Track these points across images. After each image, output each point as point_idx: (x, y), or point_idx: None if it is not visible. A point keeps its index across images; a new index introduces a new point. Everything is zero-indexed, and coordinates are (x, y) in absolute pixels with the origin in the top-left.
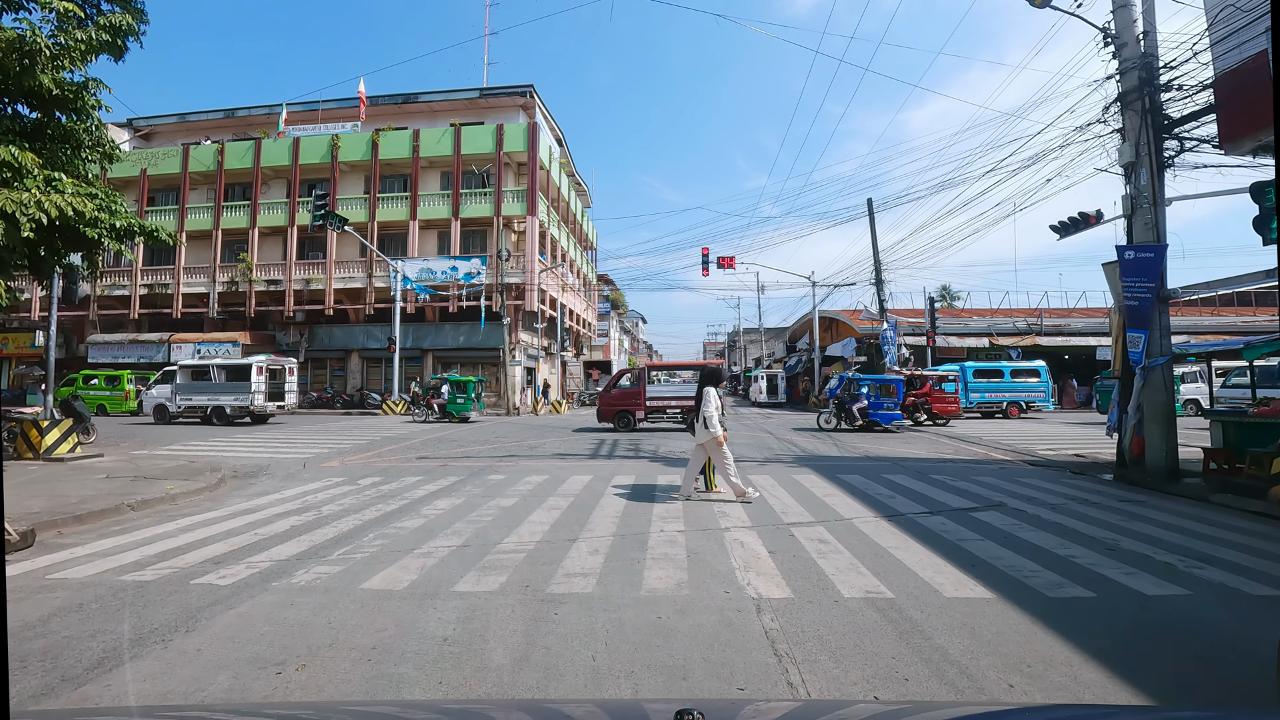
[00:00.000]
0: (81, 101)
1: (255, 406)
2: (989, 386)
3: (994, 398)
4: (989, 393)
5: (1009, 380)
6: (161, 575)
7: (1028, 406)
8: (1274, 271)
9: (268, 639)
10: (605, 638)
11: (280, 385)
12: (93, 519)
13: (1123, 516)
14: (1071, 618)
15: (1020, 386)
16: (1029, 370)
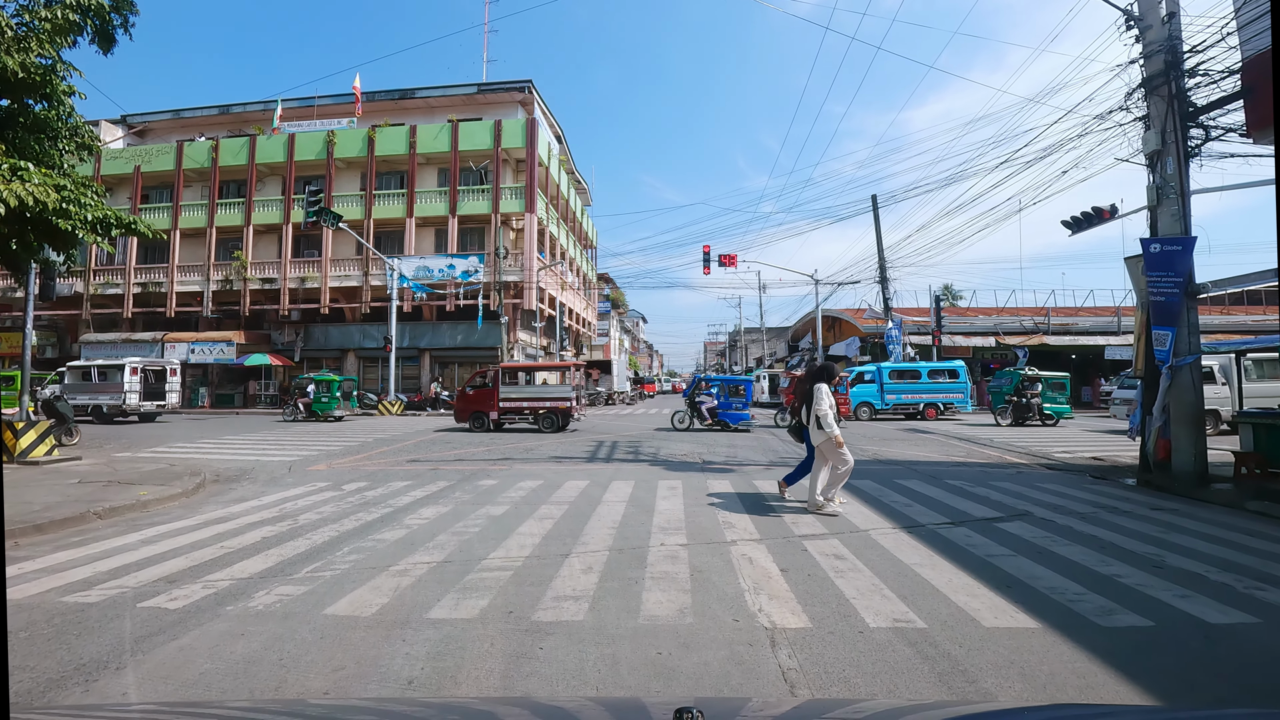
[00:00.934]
0: (51, 87)
1: (128, 406)
2: (905, 388)
3: (910, 399)
4: (905, 394)
5: (926, 381)
6: (108, 596)
7: (945, 408)
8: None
9: (206, 680)
10: (596, 680)
11: (161, 386)
12: (54, 529)
13: (1159, 527)
14: (1131, 653)
15: (938, 387)
16: (947, 370)
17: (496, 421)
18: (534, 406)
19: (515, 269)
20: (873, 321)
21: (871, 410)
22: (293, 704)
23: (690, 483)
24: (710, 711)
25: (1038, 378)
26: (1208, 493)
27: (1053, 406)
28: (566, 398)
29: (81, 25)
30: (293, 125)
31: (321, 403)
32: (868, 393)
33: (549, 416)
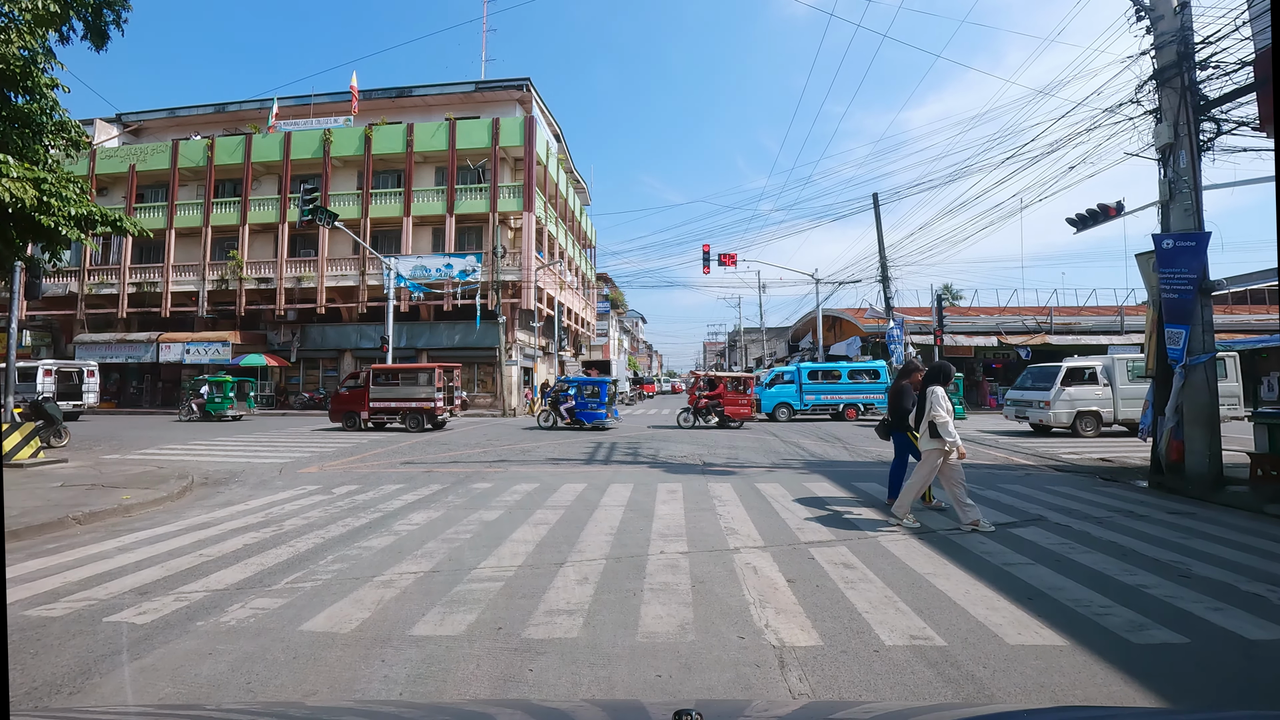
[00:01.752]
0: (33, 80)
1: None
2: (824, 388)
3: (830, 399)
4: (824, 394)
5: (846, 381)
6: (73, 610)
7: (866, 408)
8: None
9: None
10: None
11: (79, 386)
12: (30, 535)
13: (1179, 533)
14: (1169, 675)
15: (858, 387)
16: (868, 370)
17: (366, 421)
18: (401, 407)
19: (513, 268)
20: (874, 321)
21: (790, 411)
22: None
23: (691, 486)
24: (709, 713)
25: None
26: (1224, 495)
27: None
28: (431, 399)
29: (64, 16)
30: (289, 124)
31: (215, 402)
32: (786, 393)
33: (415, 416)
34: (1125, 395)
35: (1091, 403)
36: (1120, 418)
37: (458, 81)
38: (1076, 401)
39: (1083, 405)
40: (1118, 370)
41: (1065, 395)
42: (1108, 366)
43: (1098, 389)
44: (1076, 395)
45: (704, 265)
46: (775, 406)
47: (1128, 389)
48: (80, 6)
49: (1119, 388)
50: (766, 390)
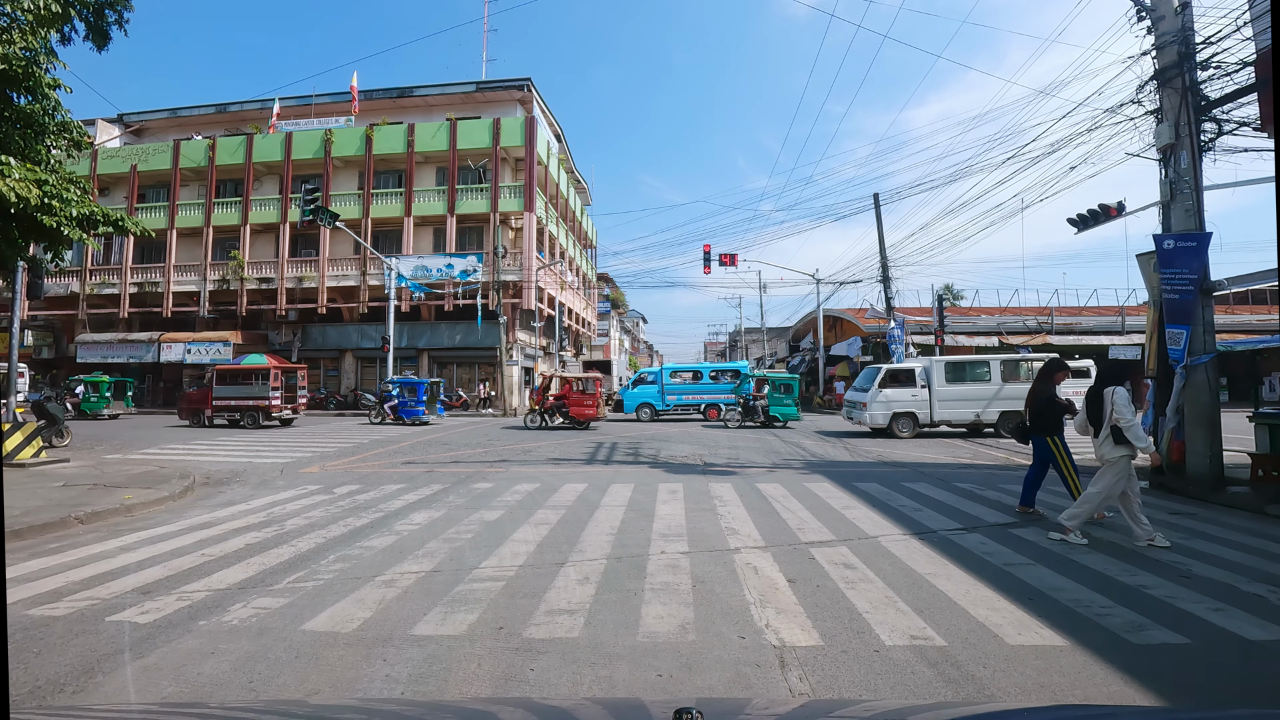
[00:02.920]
0: (35, 80)
1: None
2: (686, 388)
3: (691, 399)
4: (686, 394)
5: (707, 382)
6: (76, 609)
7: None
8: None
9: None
10: None
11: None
12: (32, 534)
13: (1180, 533)
14: (1170, 676)
15: (718, 388)
16: (730, 371)
17: (210, 417)
18: (240, 405)
19: (514, 268)
20: (874, 321)
21: (653, 411)
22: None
23: (691, 486)
24: (710, 712)
25: (765, 380)
26: (1225, 496)
27: (779, 409)
28: (267, 398)
29: (67, 15)
30: (290, 124)
31: (90, 402)
32: (649, 394)
33: (252, 413)
34: (942, 397)
35: (908, 404)
36: (936, 419)
37: (459, 82)
38: (893, 403)
39: (899, 407)
40: (935, 373)
41: (882, 397)
42: (927, 369)
43: (915, 391)
44: (893, 397)
45: (705, 265)
46: (638, 406)
47: (944, 391)
48: (82, 7)
49: (936, 390)
50: (629, 391)
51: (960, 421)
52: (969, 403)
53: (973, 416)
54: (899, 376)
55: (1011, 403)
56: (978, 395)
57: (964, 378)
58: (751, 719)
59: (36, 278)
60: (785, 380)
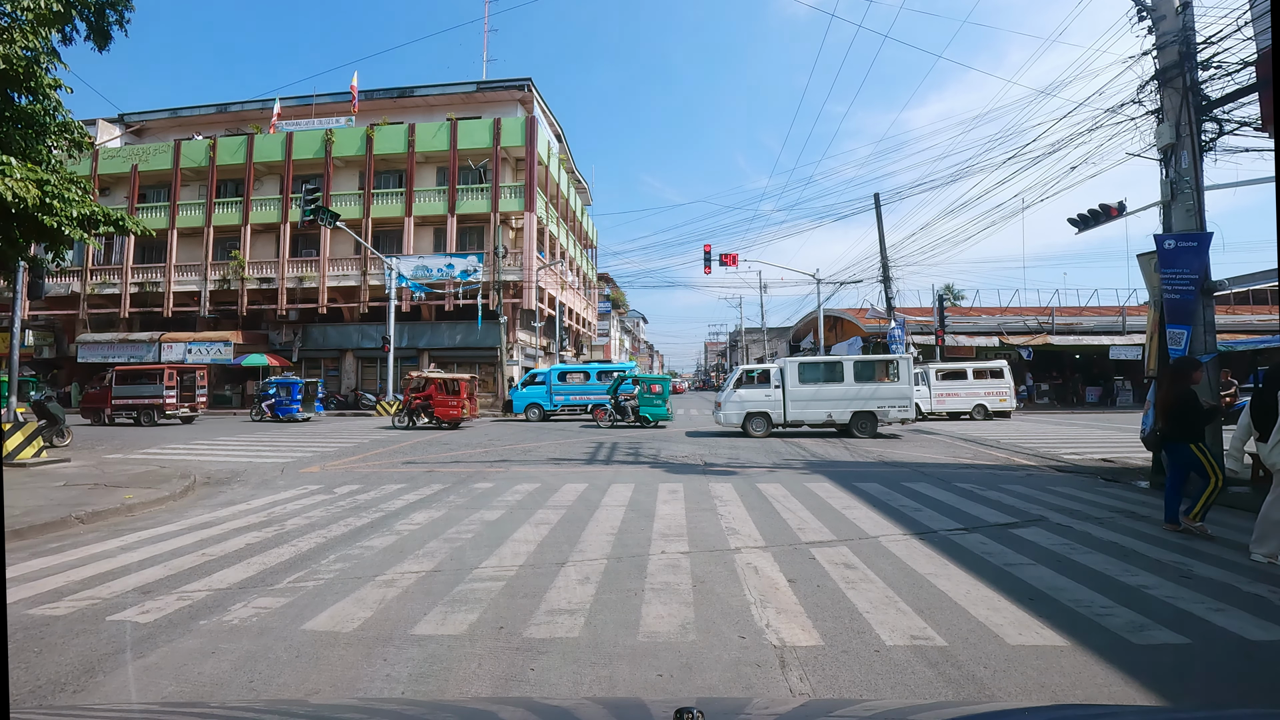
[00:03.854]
0: (36, 80)
1: None
2: (573, 389)
3: (579, 400)
4: (573, 395)
5: (594, 382)
6: (77, 608)
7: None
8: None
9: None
10: None
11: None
12: (33, 534)
13: (1180, 533)
14: (1170, 676)
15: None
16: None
17: (109, 415)
18: (137, 403)
19: (514, 268)
20: (875, 321)
21: (541, 411)
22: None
23: (692, 486)
24: (711, 711)
25: (636, 380)
26: (1225, 496)
27: (649, 409)
28: (159, 396)
29: (68, 15)
30: (290, 124)
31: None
32: (538, 394)
33: (147, 412)
34: (794, 398)
35: (762, 404)
36: (790, 419)
37: (459, 82)
38: (747, 403)
39: (753, 407)
40: (789, 373)
41: (736, 397)
42: (782, 369)
43: (769, 391)
44: (747, 397)
45: (705, 265)
46: (526, 407)
47: (797, 391)
48: (83, 7)
49: (789, 390)
50: (519, 392)
51: (813, 422)
52: (822, 403)
53: (825, 416)
54: (755, 377)
55: (864, 403)
56: (830, 395)
57: (817, 378)
58: (752, 719)
59: (38, 277)
60: (656, 380)
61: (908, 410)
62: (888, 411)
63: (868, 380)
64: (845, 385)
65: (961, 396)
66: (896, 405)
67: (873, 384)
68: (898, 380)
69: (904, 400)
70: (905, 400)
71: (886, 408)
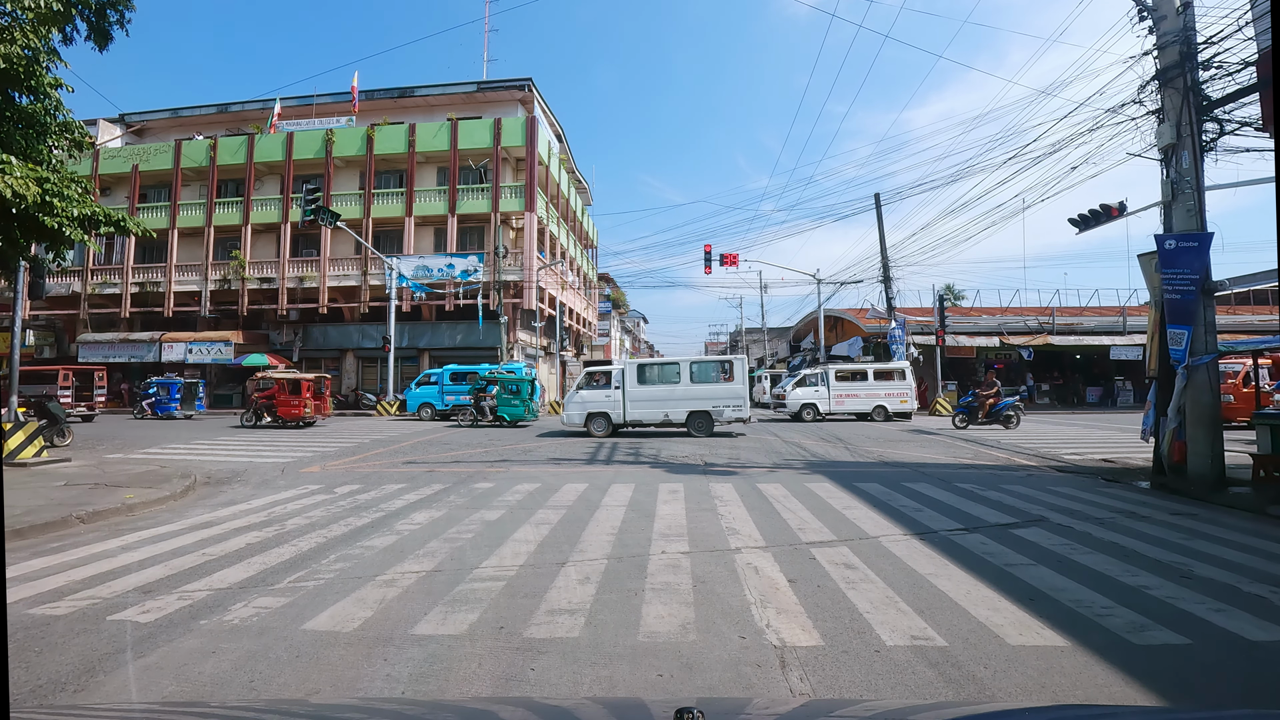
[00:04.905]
0: (36, 79)
1: None
2: (464, 389)
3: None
4: (464, 395)
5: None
6: (78, 608)
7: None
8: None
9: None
10: None
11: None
12: (34, 534)
13: (1181, 534)
14: (1171, 676)
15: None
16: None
17: None
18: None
19: (515, 268)
20: (875, 321)
21: (433, 410)
22: (291, 704)
23: (692, 486)
24: (711, 711)
25: (493, 380)
26: (1226, 497)
27: (506, 409)
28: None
29: (68, 15)
30: (291, 124)
31: None
32: (430, 394)
33: None
34: (633, 398)
35: (602, 405)
36: (629, 419)
37: (460, 82)
38: (588, 403)
39: (594, 407)
40: (628, 374)
41: (579, 398)
42: (622, 370)
43: (609, 392)
44: (589, 398)
45: (706, 265)
46: (419, 406)
47: (635, 392)
48: (83, 6)
49: (628, 391)
50: (413, 391)
51: (650, 421)
52: (659, 403)
53: (663, 416)
54: (597, 378)
55: (699, 403)
56: (666, 396)
57: (655, 379)
58: (752, 719)
59: (38, 277)
60: (515, 382)
61: (742, 410)
62: (722, 411)
63: (704, 381)
64: (682, 386)
65: (861, 397)
66: (731, 405)
67: (708, 385)
68: (732, 381)
69: (738, 400)
70: (739, 400)
71: (721, 407)
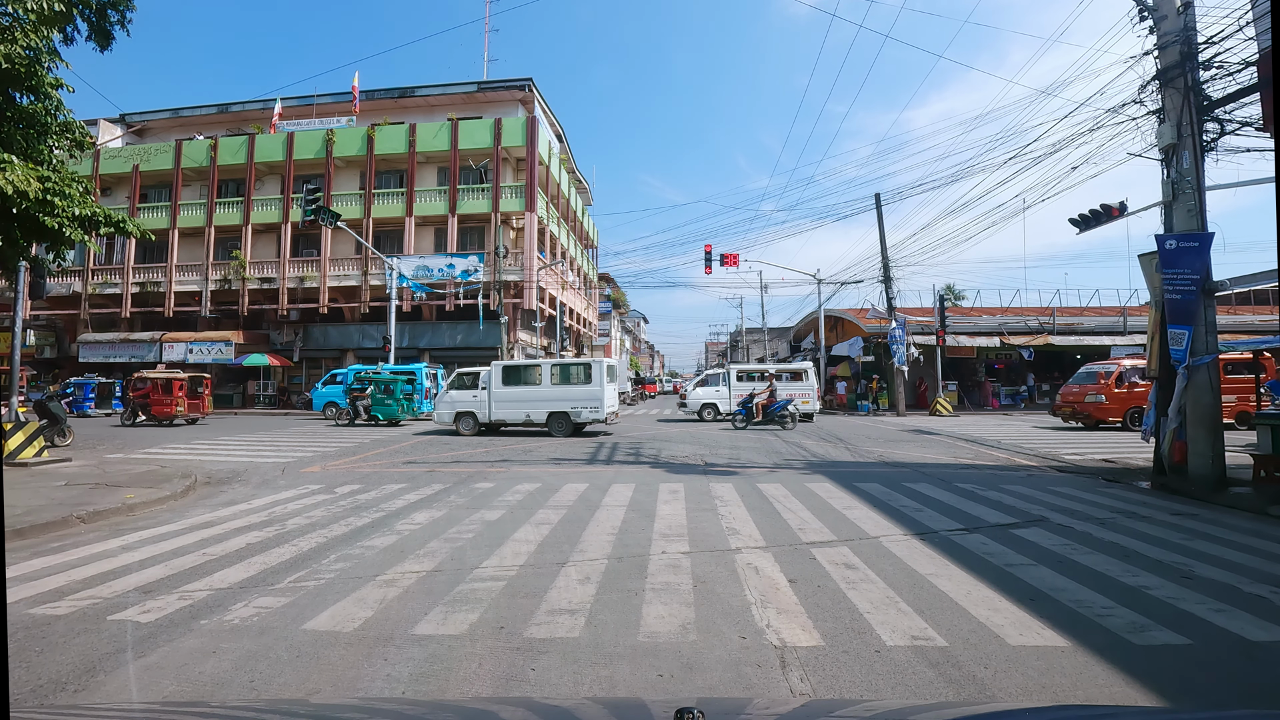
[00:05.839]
0: (37, 79)
1: None
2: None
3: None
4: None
5: (420, 384)
6: (78, 608)
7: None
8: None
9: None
10: None
11: None
12: (34, 534)
13: (1182, 534)
14: (1171, 676)
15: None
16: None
17: None
18: None
19: (515, 268)
20: (876, 321)
21: (337, 408)
22: (291, 703)
23: (692, 486)
24: (711, 711)
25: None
26: (1227, 497)
27: (380, 409)
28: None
29: (69, 15)
30: (291, 124)
31: None
32: (335, 393)
33: None
34: (498, 399)
35: (469, 405)
36: (494, 418)
37: (460, 82)
38: (457, 403)
39: (462, 407)
40: (494, 375)
41: (448, 398)
42: (489, 373)
43: (476, 392)
44: (457, 398)
45: (706, 265)
46: (325, 405)
47: (500, 393)
48: (84, 6)
49: (493, 391)
50: (319, 390)
51: (513, 420)
52: (521, 403)
53: (525, 416)
54: (466, 379)
55: (559, 404)
56: (529, 397)
57: (518, 380)
58: (753, 719)
59: (39, 277)
60: (387, 383)
61: (599, 411)
62: (580, 412)
63: (564, 383)
64: (543, 387)
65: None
66: (587, 406)
67: (568, 386)
68: (589, 384)
69: (594, 401)
70: (596, 401)
71: (579, 408)
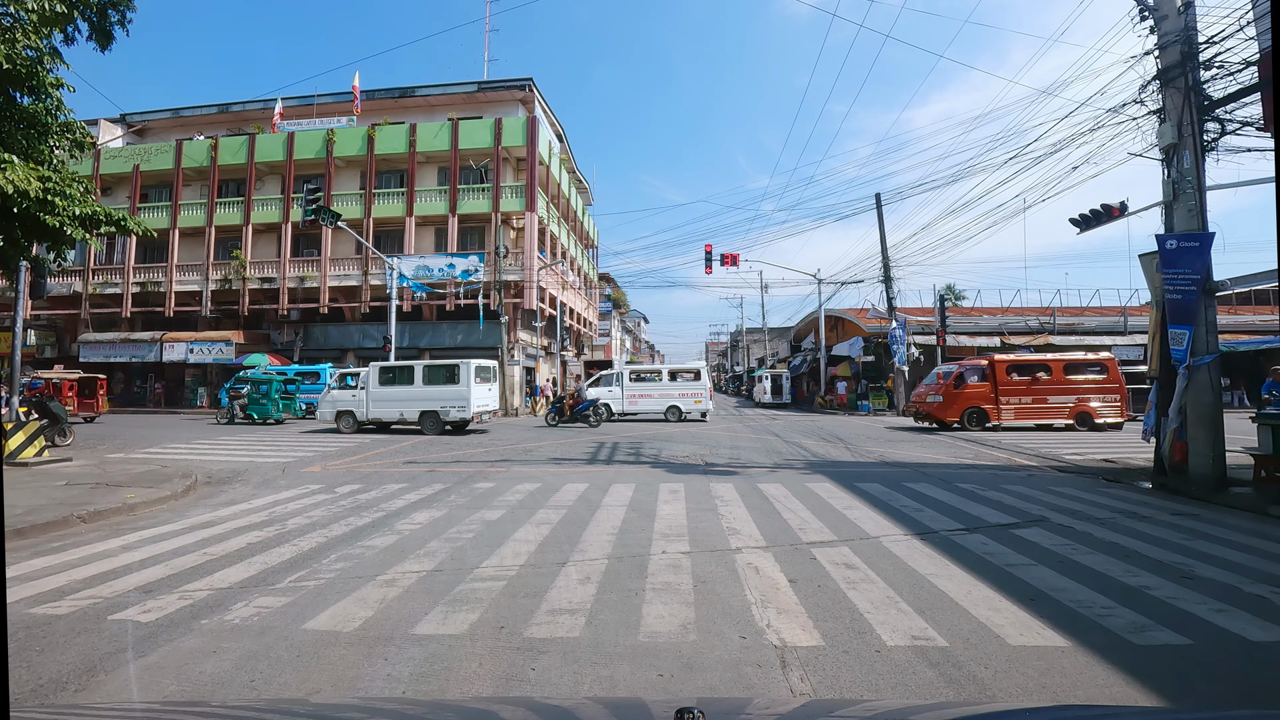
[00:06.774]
0: (38, 79)
1: None
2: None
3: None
4: (315, 394)
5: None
6: (79, 607)
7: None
8: None
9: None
10: None
11: None
12: (35, 533)
13: (1183, 534)
14: (1173, 677)
15: (311, 389)
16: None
17: None
18: None
19: (515, 268)
20: (876, 321)
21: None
22: (291, 703)
23: (693, 486)
24: (711, 711)
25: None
26: (1228, 497)
27: (254, 409)
28: None
29: (70, 15)
30: (292, 124)
31: None
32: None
33: None
34: (375, 398)
35: (349, 404)
36: (371, 416)
37: (460, 82)
38: (338, 402)
39: (342, 406)
40: (372, 376)
41: (330, 397)
42: (368, 373)
43: (355, 392)
44: (338, 397)
45: (706, 265)
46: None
47: (377, 392)
48: (85, 7)
49: (370, 391)
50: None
51: (388, 418)
52: (395, 402)
53: (398, 414)
54: (348, 378)
55: (429, 403)
56: (402, 396)
57: (393, 381)
58: (753, 719)
59: (39, 277)
60: (259, 381)
61: (465, 410)
62: (448, 411)
63: (434, 384)
64: (415, 388)
65: (655, 398)
66: (455, 406)
67: (438, 387)
68: (456, 384)
69: (461, 401)
70: (463, 401)
71: (447, 408)
